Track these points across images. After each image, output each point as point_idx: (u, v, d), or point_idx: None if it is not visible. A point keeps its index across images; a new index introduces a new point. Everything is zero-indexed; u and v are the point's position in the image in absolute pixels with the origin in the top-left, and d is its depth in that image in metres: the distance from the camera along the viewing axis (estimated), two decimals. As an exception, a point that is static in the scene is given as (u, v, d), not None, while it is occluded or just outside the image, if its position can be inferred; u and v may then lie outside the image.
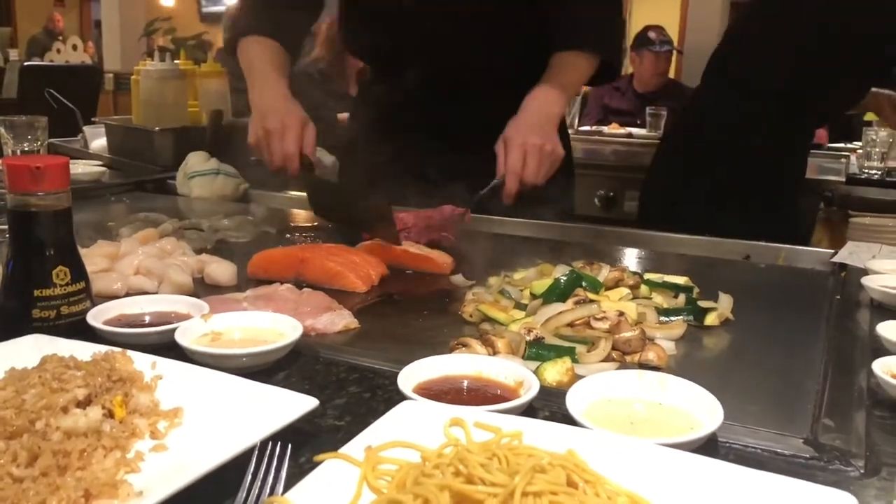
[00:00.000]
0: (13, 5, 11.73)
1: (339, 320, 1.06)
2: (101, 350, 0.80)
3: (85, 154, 2.59)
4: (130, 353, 0.80)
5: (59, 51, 8.36)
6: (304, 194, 1.76)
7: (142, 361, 0.80)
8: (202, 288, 1.23)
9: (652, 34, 4.80)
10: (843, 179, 2.97)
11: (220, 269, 1.25)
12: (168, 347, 0.88)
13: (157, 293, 1.16)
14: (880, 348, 0.96)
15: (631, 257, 1.53)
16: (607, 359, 0.96)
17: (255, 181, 2.03)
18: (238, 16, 1.86)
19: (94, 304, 0.97)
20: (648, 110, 4.34)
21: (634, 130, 4.42)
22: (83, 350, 0.80)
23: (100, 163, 2.38)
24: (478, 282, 1.28)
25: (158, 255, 1.25)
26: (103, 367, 0.74)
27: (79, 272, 0.96)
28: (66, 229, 0.95)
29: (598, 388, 0.77)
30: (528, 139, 1.53)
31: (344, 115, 4.26)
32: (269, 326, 0.94)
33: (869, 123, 3.43)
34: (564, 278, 1.13)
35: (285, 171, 1.58)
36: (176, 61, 2.44)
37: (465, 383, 0.81)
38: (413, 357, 0.83)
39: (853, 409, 0.82)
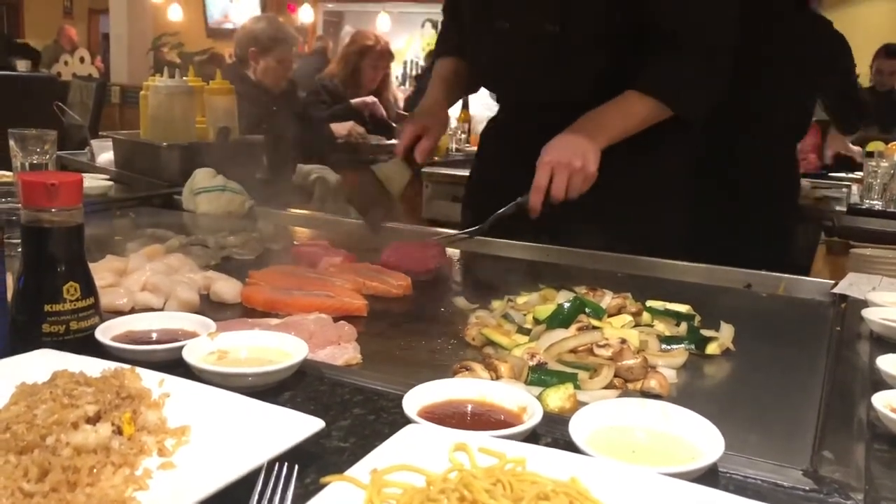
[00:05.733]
0: (22, 18, 11.84)
1: (340, 354, 1.04)
2: (111, 366, 0.81)
3: (92, 168, 2.61)
4: (139, 370, 0.81)
5: (66, 63, 8.39)
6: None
7: (150, 379, 0.81)
8: (207, 305, 1.24)
9: None
10: (845, 209, 2.99)
11: (226, 288, 1.26)
12: (175, 365, 0.89)
13: (162, 310, 1.17)
14: (880, 381, 0.97)
15: (633, 284, 1.53)
16: (609, 386, 0.97)
17: (261, 198, 2.05)
18: (437, 42, 2.22)
19: (102, 320, 0.98)
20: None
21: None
22: (92, 366, 0.81)
23: (106, 177, 2.40)
24: (481, 305, 1.29)
25: (165, 272, 1.26)
26: (113, 383, 0.75)
27: (88, 288, 0.97)
28: (78, 245, 0.96)
29: (600, 416, 0.78)
30: (557, 157, 1.58)
31: (343, 128, 4.32)
32: (276, 346, 0.95)
33: (870, 154, 3.45)
34: (568, 304, 1.14)
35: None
36: (184, 77, 2.47)
37: (469, 408, 0.82)
38: (417, 379, 0.83)
39: (853, 441, 0.83)
